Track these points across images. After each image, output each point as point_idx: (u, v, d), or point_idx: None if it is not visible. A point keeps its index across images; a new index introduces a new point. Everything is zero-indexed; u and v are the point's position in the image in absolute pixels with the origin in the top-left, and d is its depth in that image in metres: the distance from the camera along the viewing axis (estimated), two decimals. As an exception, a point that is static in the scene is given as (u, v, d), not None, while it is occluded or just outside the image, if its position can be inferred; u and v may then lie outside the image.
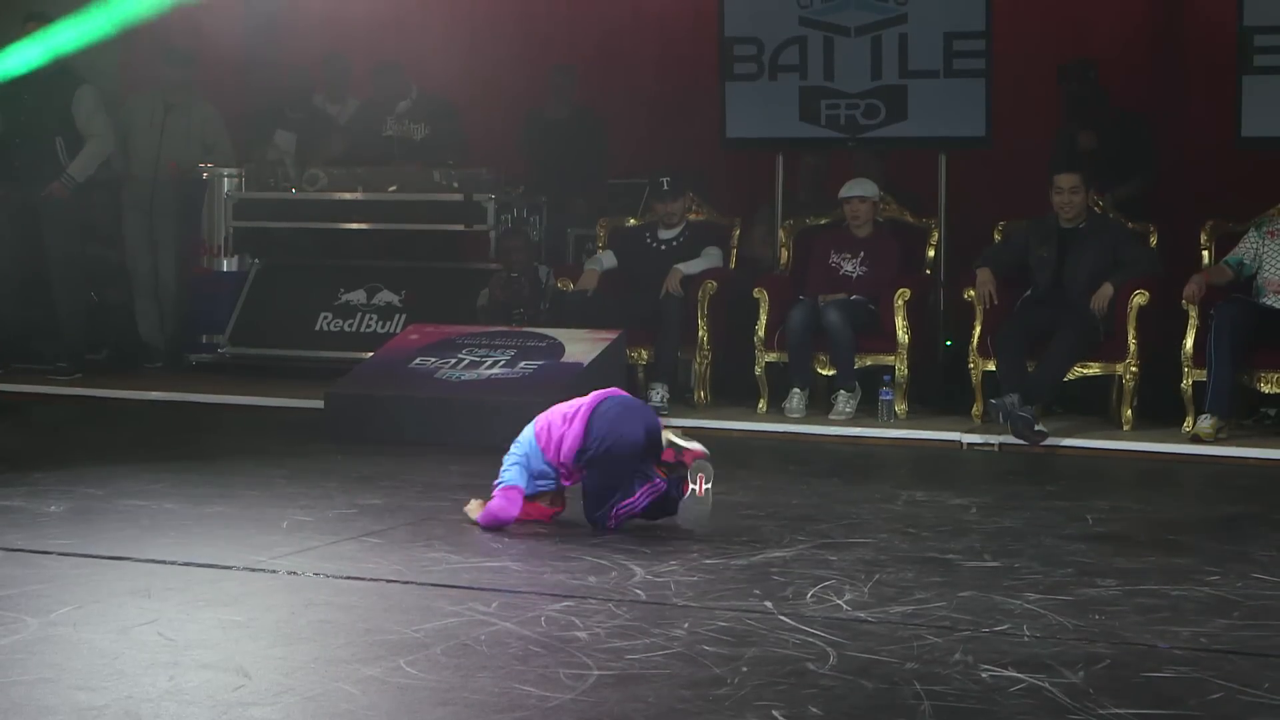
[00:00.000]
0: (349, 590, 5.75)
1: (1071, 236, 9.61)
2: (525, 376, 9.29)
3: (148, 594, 5.60)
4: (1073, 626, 5.29)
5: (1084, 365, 9.39)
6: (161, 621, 5.24)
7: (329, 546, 6.41)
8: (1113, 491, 8.08)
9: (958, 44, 10.40)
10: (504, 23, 12.58)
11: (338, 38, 12.73)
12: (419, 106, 12.05)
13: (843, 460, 8.88)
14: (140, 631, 5.12)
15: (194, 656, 4.85)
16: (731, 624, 5.28)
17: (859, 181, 10.31)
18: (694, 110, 11.66)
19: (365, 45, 12.73)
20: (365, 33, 12.84)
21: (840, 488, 7.91)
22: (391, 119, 12.07)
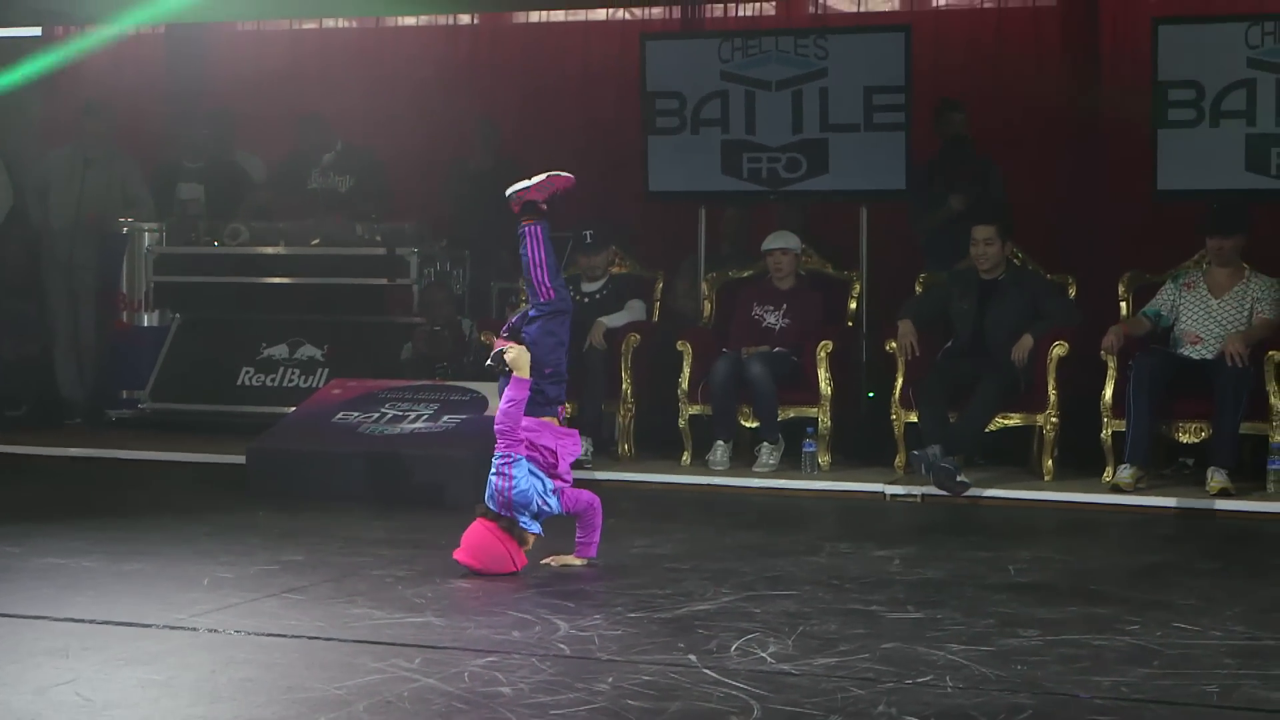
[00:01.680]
0: (271, 647, 5.70)
1: (991, 288, 9.70)
2: (448, 430, 9.26)
3: (65, 653, 5.54)
4: (995, 677, 5.31)
5: (1005, 416, 9.45)
6: (80, 681, 5.18)
7: (250, 603, 6.36)
8: (1034, 541, 8.13)
9: (878, 98, 10.50)
10: (427, 75, 12.60)
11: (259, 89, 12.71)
12: (344, 158, 12.03)
13: (766, 512, 8.89)
14: (58, 692, 5.06)
15: (113, 716, 4.80)
16: (655, 678, 5.27)
17: (781, 234, 10.37)
18: (618, 163, 11.71)
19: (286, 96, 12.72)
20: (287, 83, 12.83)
21: (764, 539, 7.92)
22: (316, 171, 12.04)
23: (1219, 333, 9.23)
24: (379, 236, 11.41)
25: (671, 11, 12.16)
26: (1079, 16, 11.26)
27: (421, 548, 7.60)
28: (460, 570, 6.96)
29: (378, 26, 13.20)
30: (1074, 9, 11.28)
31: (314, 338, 11.44)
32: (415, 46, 12.97)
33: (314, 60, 13.07)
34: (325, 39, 13.25)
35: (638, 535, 7.92)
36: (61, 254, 11.99)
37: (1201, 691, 5.18)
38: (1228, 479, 8.84)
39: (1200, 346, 9.30)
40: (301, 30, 13.33)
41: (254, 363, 11.46)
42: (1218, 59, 9.85)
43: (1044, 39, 11.45)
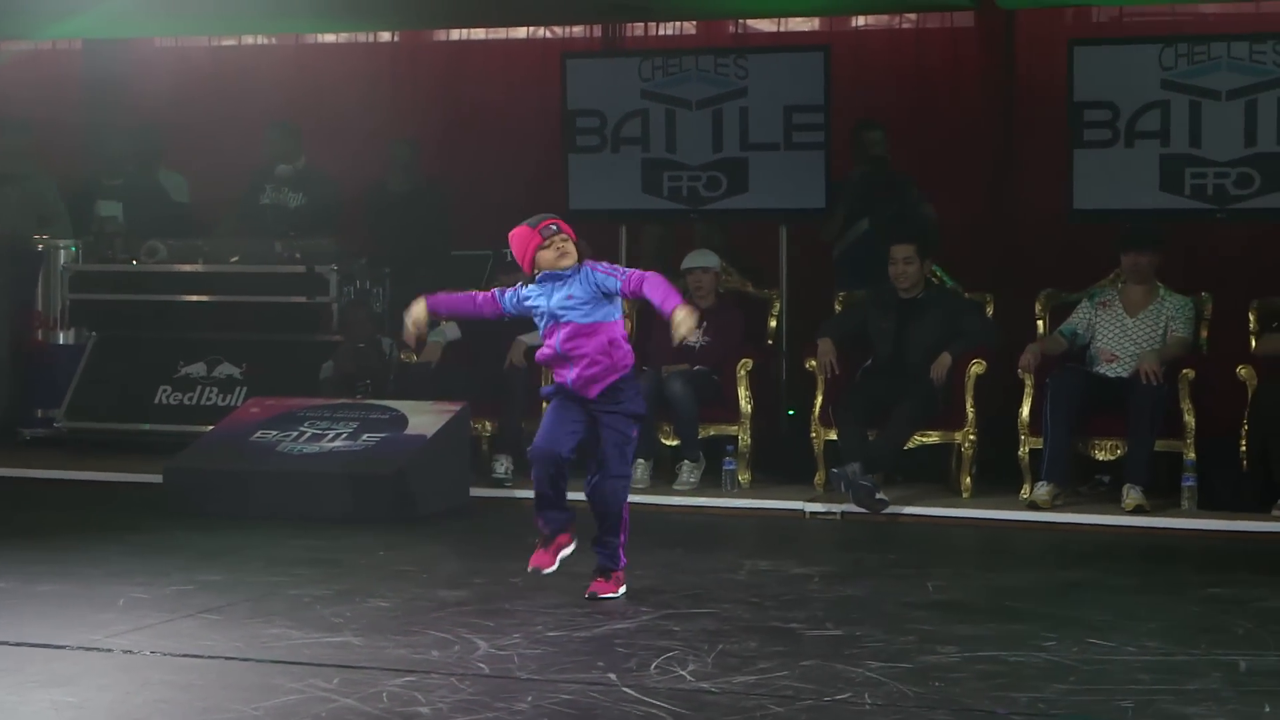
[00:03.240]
0: (187, 669, 5.66)
1: (910, 307, 9.75)
2: (368, 449, 9.21)
3: (-23, 675, 5.47)
4: (914, 694, 5.33)
5: (924, 434, 9.50)
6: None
7: (166, 624, 6.31)
8: (953, 559, 8.18)
9: (797, 117, 10.54)
10: (347, 93, 12.54)
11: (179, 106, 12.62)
12: (302, 174, 11.94)
13: (687, 530, 8.90)
14: (-32, 714, 5.00)
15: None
16: (575, 697, 5.26)
17: (701, 253, 10.39)
18: (539, 182, 11.69)
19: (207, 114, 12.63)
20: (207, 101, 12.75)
21: (684, 558, 7.92)
22: (270, 186, 11.94)
23: (1134, 351, 9.32)
24: (298, 254, 11.34)
25: (592, 30, 12.16)
26: (996, 37, 11.34)
27: (341, 567, 7.56)
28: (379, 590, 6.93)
29: (297, 44, 13.13)
30: (991, 29, 11.36)
31: (232, 356, 11.36)
32: (335, 64, 12.91)
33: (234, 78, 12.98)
34: (245, 56, 13.17)
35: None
36: (-27, 272, 11.85)
37: (1117, 707, 5.23)
38: (1143, 496, 8.92)
39: (1116, 365, 9.38)
40: (221, 47, 13.24)
41: (171, 381, 11.37)
42: (1132, 80, 9.96)
43: (962, 59, 11.52)
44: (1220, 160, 9.83)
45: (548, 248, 6.90)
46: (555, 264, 6.88)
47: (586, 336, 6.85)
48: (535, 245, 6.92)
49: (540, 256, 6.93)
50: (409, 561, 7.71)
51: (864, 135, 10.83)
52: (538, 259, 6.93)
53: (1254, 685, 5.51)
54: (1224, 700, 5.31)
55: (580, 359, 6.85)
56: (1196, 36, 10.06)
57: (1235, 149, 9.81)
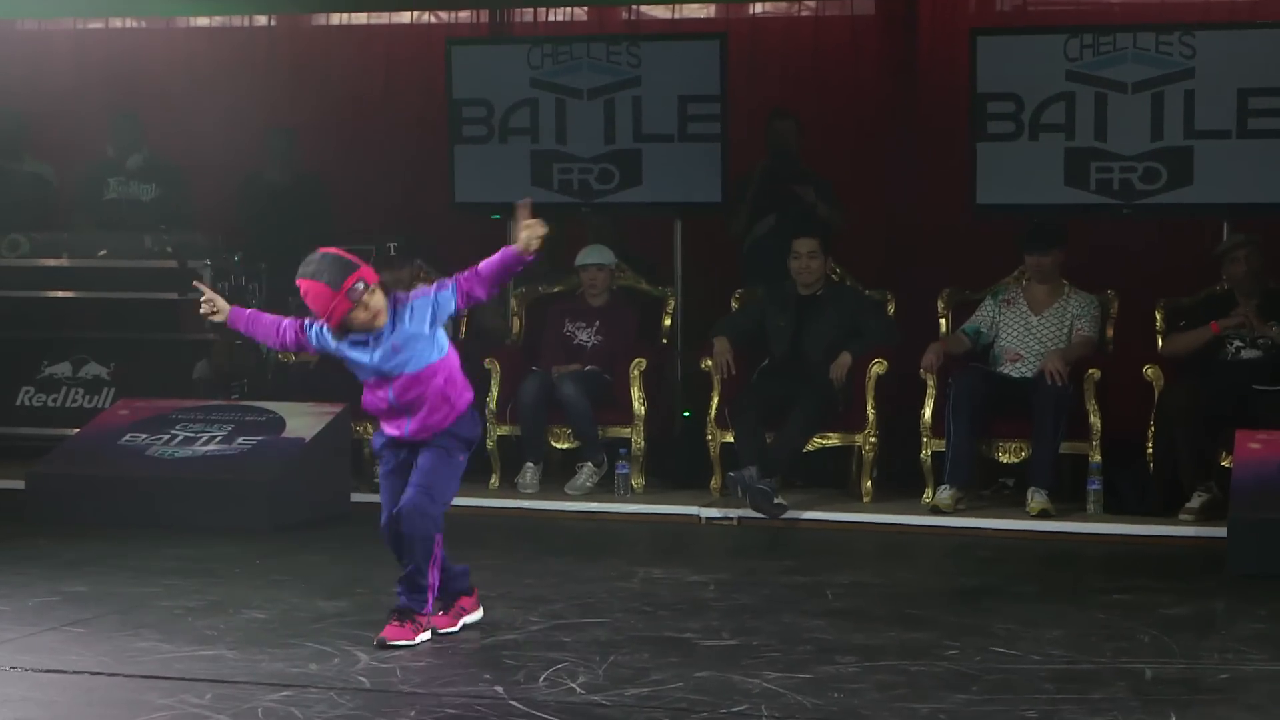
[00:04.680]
0: (49, 684, 5.59)
1: (809, 304, 9.79)
2: (244, 453, 9.14)
3: None
4: (812, 706, 5.36)
5: (823, 436, 9.54)
6: None
7: (27, 638, 6.23)
8: (853, 565, 8.21)
9: (692, 107, 10.57)
10: (221, 80, 12.43)
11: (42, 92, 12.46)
12: (150, 165, 11.82)
13: (578, 537, 8.90)
14: None
15: (-124, 761, 4.67)
16: (461, 710, 5.25)
17: (595, 249, 10.39)
18: (423, 174, 11.65)
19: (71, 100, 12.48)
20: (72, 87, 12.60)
21: (575, 565, 7.92)
22: (116, 180, 11.80)
23: (1039, 350, 9.41)
24: (170, 248, 11.23)
25: (479, 16, 12.13)
26: (897, 26, 11.43)
27: (214, 577, 7.50)
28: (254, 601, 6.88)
29: (168, 28, 13.00)
30: (892, 19, 11.45)
31: (100, 355, 11.23)
32: (208, 49, 12.80)
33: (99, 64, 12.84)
34: (112, 40, 13.02)
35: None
36: None
37: (1021, 717, 5.28)
38: (1048, 500, 9.02)
39: (1020, 364, 9.48)
40: (86, 30, 13.08)
41: (34, 382, 11.22)
42: (1036, 71, 10.06)
43: (862, 48, 11.60)
44: (1127, 154, 9.96)
45: (356, 310, 6.16)
46: (369, 326, 6.20)
47: (424, 383, 6.29)
48: (343, 310, 6.15)
49: (350, 320, 6.19)
50: (286, 571, 7.66)
51: (775, 125, 10.86)
52: (347, 323, 6.20)
53: (1160, 694, 5.58)
54: (1129, 710, 5.37)
55: (420, 408, 6.31)
56: (1102, 27, 10.18)
57: (1142, 143, 9.94)
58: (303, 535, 8.60)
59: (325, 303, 6.13)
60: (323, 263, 6.15)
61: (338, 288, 6.09)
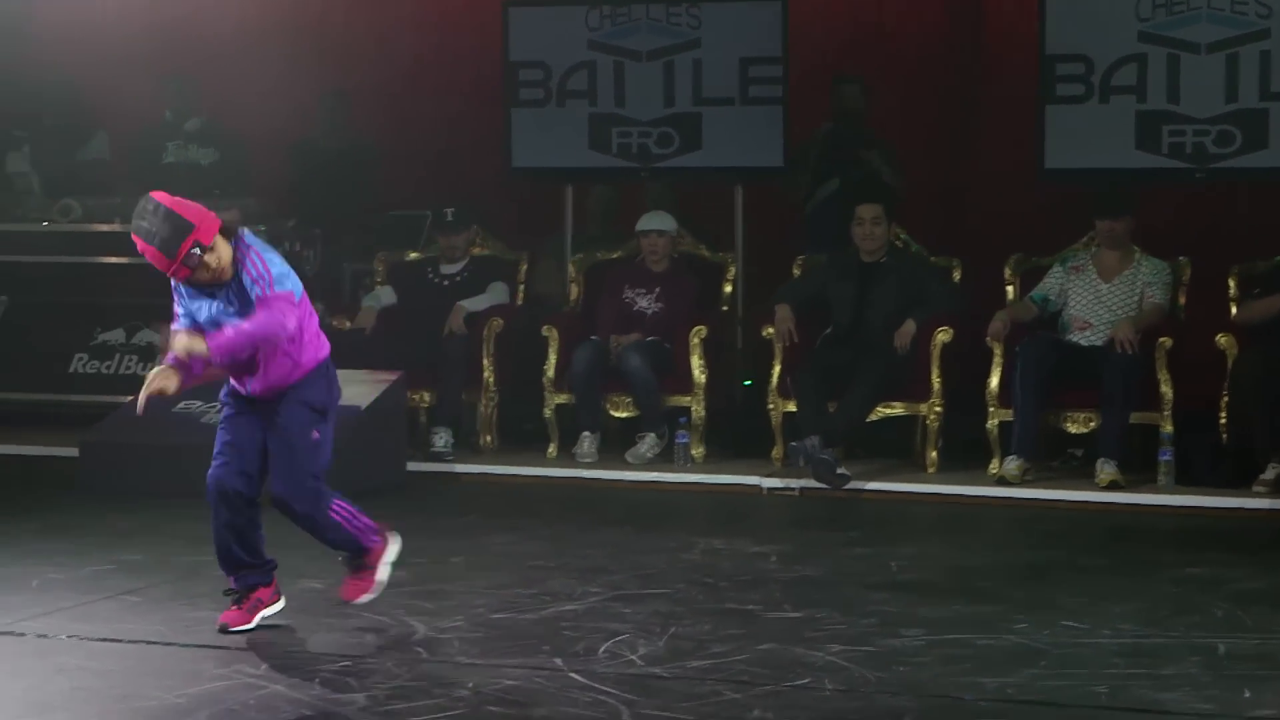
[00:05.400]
0: (105, 654, 5.64)
1: (872, 271, 9.76)
2: (298, 421, 9.16)
3: (-119, 661, 5.44)
4: (876, 679, 5.35)
5: (887, 405, 9.51)
6: (-104, 691, 5.10)
7: (83, 606, 6.28)
8: (917, 537, 8.21)
9: (754, 70, 10.52)
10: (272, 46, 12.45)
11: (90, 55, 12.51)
12: (209, 129, 11.87)
13: (637, 507, 8.90)
14: (-128, 703, 4.97)
15: (-69, 729, 4.72)
16: (519, 682, 5.26)
17: (657, 214, 10.37)
18: (478, 138, 11.65)
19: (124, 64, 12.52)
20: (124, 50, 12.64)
21: (634, 536, 7.93)
22: (174, 144, 11.85)
23: (1108, 318, 9.36)
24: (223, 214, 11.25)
25: (536, -24, 12.10)
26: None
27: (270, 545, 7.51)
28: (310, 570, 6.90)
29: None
30: (959, -23, 11.37)
31: (154, 322, 11.29)
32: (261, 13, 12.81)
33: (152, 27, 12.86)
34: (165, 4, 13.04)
35: (500, 532, 7.90)
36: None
37: (1090, 692, 5.26)
38: (1118, 471, 8.97)
39: (1089, 332, 9.42)
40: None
41: (88, 349, 11.29)
42: (1108, 32, 9.97)
43: (927, 9, 11.51)
44: (1199, 117, 9.86)
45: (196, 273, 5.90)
46: (216, 280, 5.95)
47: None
48: (183, 276, 5.94)
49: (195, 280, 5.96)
50: (342, 540, 7.67)
51: (840, 88, 10.82)
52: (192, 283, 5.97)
53: (1232, 669, 5.55)
54: (1201, 685, 5.35)
55: (259, 365, 6.05)
56: (1177, -15, 10.08)
57: (1215, 105, 9.83)
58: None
59: (163, 267, 5.90)
60: (155, 221, 5.83)
61: (173, 256, 5.82)
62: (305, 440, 6.11)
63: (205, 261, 5.86)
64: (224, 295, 5.96)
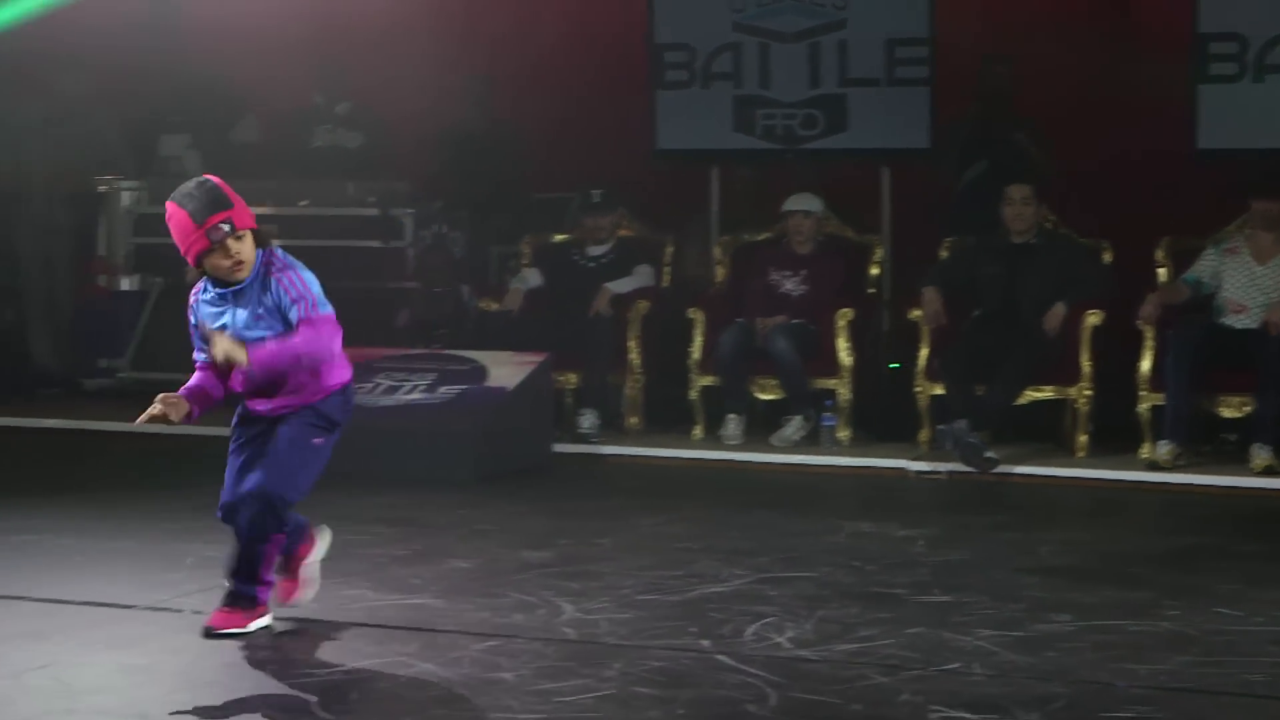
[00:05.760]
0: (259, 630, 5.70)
1: (1022, 253, 9.68)
2: (447, 402, 9.25)
3: (43, 636, 5.55)
4: (1026, 665, 5.31)
5: (1036, 389, 9.44)
6: (57, 665, 5.19)
7: (238, 584, 6.35)
8: (1066, 522, 8.13)
9: (900, 50, 10.47)
10: (418, 30, 12.54)
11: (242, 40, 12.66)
12: (357, 113, 12.00)
13: (783, 490, 8.89)
14: (34, 676, 5.07)
15: (92, 703, 4.81)
16: (666, 664, 5.27)
17: (803, 195, 10.34)
18: (623, 121, 11.67)
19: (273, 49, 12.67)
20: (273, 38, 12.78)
21: (780, 519, 7.92)
22: (324, 127, 11.99)
23: (1263, 301, 9.21)
24: (372, 197, 11.38)
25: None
26: (1114, -37, 11.22)
27: (418, 526, 7.61)
28: (459, 550, 6.96)
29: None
30: (1109, -45, 11.24)
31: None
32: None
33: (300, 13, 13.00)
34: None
35: (646, 513, 7.92)
36: (35, 216, 11.95)
37: (1245, 680, 5.19)
38: (1273, 456, 8.84)
39: (1244, 316, 9.28)
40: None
41: (239, 330, 11.43)
42: (1260, 9, 9.81)
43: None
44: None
45: (215, 253, 5.61)
46: (229, 276, 5.66)
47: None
48: (201, 249, 5.61)
49: (209, 263, 5.64)
50: (489, 521, 7.75)
51: (989, 68, 10.75)
52: (205, 264, 5.65)
53: (1393, 658, 5.45)
54: (1361, 674, 5.26)
55: (282, 386, 5.80)
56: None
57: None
58: (505, 485, 8.69)
59: (184, 235, 5.59)
60: (196, 191, 5.60)
61: (200, 222, 5.54)
62: (305, 440, 5.77)
63: (228, 245, 5.56)
64: (251, 307, 5.68)
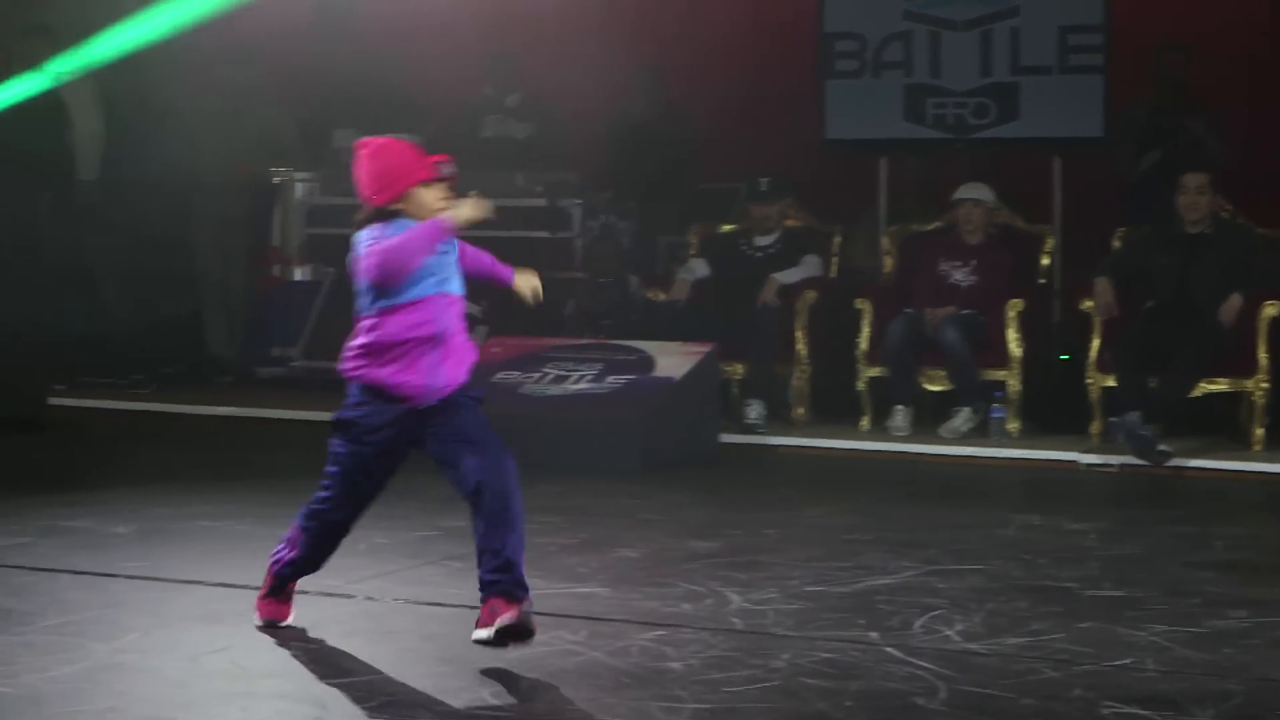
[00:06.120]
0: (430, 617, 5.77)
1: (1196, 243, 9.53)
2: (614, 391, 9.28)
3: (220, 619, 5.64)
4: (1201, 661, 5.23)
5: (1211, 381, 9.30)
6: (234, 649, 5.28)
7: (409, 570, 6.44)
8: (1242, 516, 8.00)
9: (1073, 38, 10.36)
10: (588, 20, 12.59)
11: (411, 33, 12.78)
12: (527, 104, 12.09)
13: (951, 482, 8.84)
14: (211, 659, 5.16)
15: (268, 686, 4.88)
16: (834, 655, 5.26)
17: (974, 185, 10.26)
18: (792, 111, 11.64)
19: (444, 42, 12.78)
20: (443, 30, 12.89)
21: (949, 511, 7.87)
22: (494, 118, 12.09)
23: None
24: (540, 188, 11.45)
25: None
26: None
27: (585, 515, 7.65)
28: (626, 539, 6.99)
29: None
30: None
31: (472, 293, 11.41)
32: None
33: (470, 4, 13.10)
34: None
35: (814, 504, 7.91)
36: (212, 207, 12.16)
37: None
38: None
39: None
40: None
41: (413, 320, 11.54)
42: None
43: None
44: None
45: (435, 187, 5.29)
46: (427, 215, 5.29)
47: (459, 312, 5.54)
48: (422, 179, 5.28)
49: (421, 197, 5.27)
50: (656, 510, 7.77)
51: (1165, 56, 10.60)
52: (413, 196, 5.26)
53: None
54: None
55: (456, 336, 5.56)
56: None
57: None
58: (671, 475, 8.70)
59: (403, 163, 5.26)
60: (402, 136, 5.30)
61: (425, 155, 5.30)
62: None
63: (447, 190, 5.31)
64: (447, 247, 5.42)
